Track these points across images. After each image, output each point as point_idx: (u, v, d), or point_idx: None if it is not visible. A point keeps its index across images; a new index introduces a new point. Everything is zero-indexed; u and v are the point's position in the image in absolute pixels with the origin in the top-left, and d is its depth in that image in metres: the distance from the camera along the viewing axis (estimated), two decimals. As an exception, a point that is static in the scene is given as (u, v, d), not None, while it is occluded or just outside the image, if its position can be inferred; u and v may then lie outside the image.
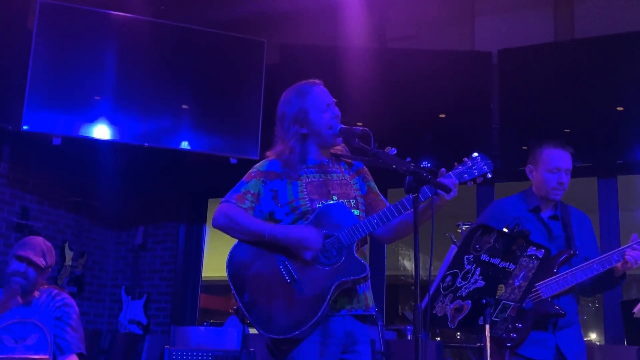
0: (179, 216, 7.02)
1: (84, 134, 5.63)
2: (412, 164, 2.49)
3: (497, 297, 2.62)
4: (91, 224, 6.92)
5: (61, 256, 6.48)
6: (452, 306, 2.55)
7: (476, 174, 2.64)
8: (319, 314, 2.48)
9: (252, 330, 4.68)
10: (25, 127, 5.44)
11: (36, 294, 3.46)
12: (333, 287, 2.50)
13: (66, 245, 6.54)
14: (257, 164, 2.78)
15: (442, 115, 6.09)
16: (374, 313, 2.70)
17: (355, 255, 2.56)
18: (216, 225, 2.68)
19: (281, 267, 2.57)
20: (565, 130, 5.70)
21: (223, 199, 2.71)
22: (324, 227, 2.57)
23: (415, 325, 2.27)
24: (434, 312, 2.50)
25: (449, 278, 2.48)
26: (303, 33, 6.42)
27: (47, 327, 3.36)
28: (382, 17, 6.40)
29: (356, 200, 2.73)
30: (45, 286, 3.51)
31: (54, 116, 5.56)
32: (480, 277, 2.54)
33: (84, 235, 6.77)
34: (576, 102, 5.66)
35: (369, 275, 2.60)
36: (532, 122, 5.79)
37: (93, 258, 6.93)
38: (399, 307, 9.93)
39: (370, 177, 2.88)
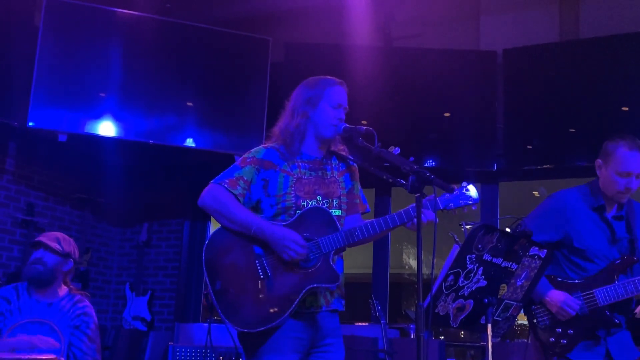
0: (183, 213, 7.04)
1: (89, 131, 5.65)
2: (416, 164, 2.51)
3: (499, 296, 2.65)
4: (96, 221, 6.95)
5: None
6: (454, 305, 2.57)
7: (461, 204, 2.67)
8: (286, 314, 2.53)
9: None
10: (30, 124, 5.46)
11: (60, 292, 3.46)
12: (304, 290, 2.55)
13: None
14: (254, 150, 2.79)
15: (447, 114, 6.10)
16: (339, 308, 2.74)
17: (331, 263, 2.61)
18: (202, 205, 2.70)
19: (257, 262, 2.61)
20: (570, 130, 5.70)
21: (214, 180, 2.72)
22: (306, 229, 2.62)
23: (417, 324, 2.29)
24: (436, 311, 2.52)
25: (451, 277, 2.51)
26: (308, 31, 6.43)
27: (63, 333, 3.36)
28: (387, 15, 6.40)
29: (339, 199, 2.79)
30: (71, 289, 3.51)
31: (60, 113, 5.58)
32: (483, 276, 2.56)
33: (89, 231, 6.80)
34: (581, 102, 5.66)
35: (341, 284, 2.68)
36: (536, 121, 5.80)
37: (98, 254, 6.97)
38: (402, 306, 9.94)
39: (357, 177, 2.93)
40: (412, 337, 5.51)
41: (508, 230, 2.69)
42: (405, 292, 10.30)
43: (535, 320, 3.21)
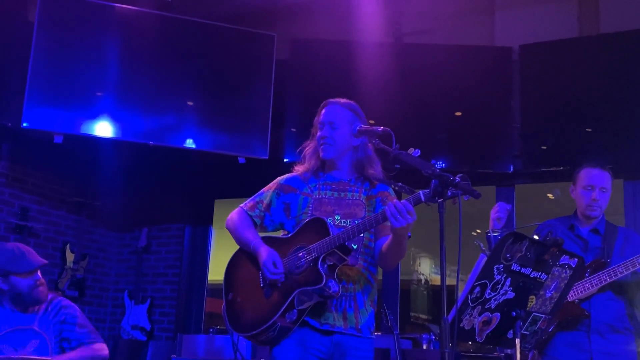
0: (184, 218, 6.97)
1: (86, 132, 5.58)
2: (438, 168, 2.43)
3: (527, 309, 2.56)
4: (93, 226, 6.87)
5: (62, 259, 6.44)
6: (480, 319, 2.49)
7: (449, 195, 2.49)
8: (275, 316, 2.69)
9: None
10: (25, 124, 5.39)
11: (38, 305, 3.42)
12: (293, 294, 2.69)
13: (67, 247, 6.50)
14: (280, 177, 3.01)
15: (458, 114, 6.02)
16: (354, 334, 2.76)
17: (319, 267, 2.66)
18: (226, 227, 3.01)
19: (260, 273, 2.82)
20: (587, 130, 5.63)
21: (241, 205, 3.02)
22: (302, 239, 2.74)
23: (442, 339, 2.22)
24: (461, 325, 2.43)
25: (477, 289, 2.42)
26: (314, 27, 6.35)
27: (47, 333, 3.34)
28: (397, 10, 6.32)
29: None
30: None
31: (55, 113, 5.52)
32: (510, 288, 2.48)
33: (86, 237, 6.73)
34: (601, 100, 5.59)
35: (333, 289, 2.63)
36: (554, 120, 5.72)
37: (95, 261, 6.89)
38: (411, 314, 9.86)
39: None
40: (424, 347, 5.41)
41: (536, 237, 2.60)
42: (414, 300, 10.22)
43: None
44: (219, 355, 4.88)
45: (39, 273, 3.38)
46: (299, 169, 2.98)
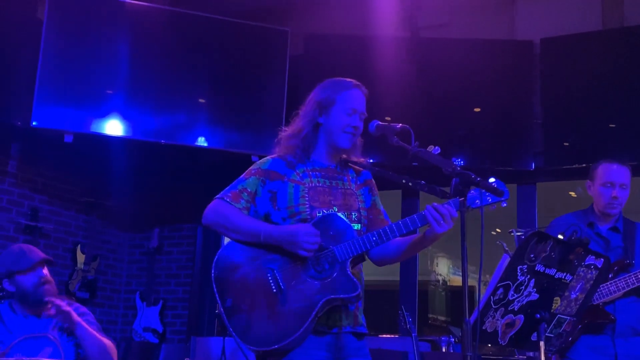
0: (196, 217, 6.91)
1: (96, 131, 5.60)
2: (459, 166, 2.40)
3: (552, 310, 2.54)
4: (104, 226, 6.90)
5: (73, 260, 6.46)
6: (503, 321, 2.47)
7: (489, 201, 2.52)
8: (302, 329, 2.44)
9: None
10: (34, 123, 5.41)
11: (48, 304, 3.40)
12: (320, 303, 2.46)
13: (78, 248, 6.52)
14: (260, 161, 2.75)
15: (478, 110, 5.98)
16: (364, 332, 2.65)
17: (348, 272, 2.51)
18: (206, 222, 2.66)
19: (269, 275, 2.54)
20: (611, 125, 5.59)
21: (217, 196, 2.68)
22: (321, 237, 2.52)
23: (464, 342, 2.19)
24: (483, 327, 2.41)
25: (500, 290, 2.39)
26: (329, 22, 6.34)
27: (60, 340, 3.32)
28: (414, 3, 6.29)
29: (359, 213, 2.69)
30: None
31: (65, 111, 5.54)
32: (535, 289, 2.46)
33: (97, 237, 6.74)
34: (624, 95, 5.54)
35: (360, 294, 2.57)
36: (576, 116, 5.68)
37: (106, 262, 6.91)
38: (429, 316, 9.83)
39: (376, 191, 2.84)
40: (443, 350, 5.38)
41: (561, 237, 2.58)
42: (432, 301, 10.19)
43: None
44: (232, 358, 4.88)
45: (44, 271, 3.33)
46: (278, 152, 2.75)
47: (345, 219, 2.59)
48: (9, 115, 5.49)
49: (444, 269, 10.37)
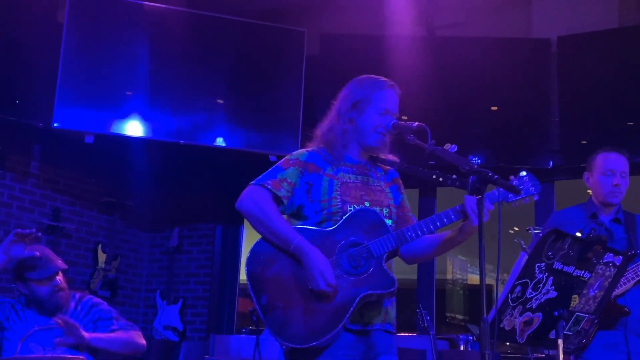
0: (214, 217, 7.00)
1: (117, 131, 5.63)
2: (475, 163, 2.39)
3: (570, 308, 2.51)
4: (124, 226, 6.94)
5: (94, 259, 6.51)
6: (521, 319, 2.44)
7: (522, 195, 2.54)
8: (340, 325, 2.42)
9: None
10: (55, 125, 5.46)
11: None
12: (357, 299, 2.44)
13: (99, 247, 6.57)
14: (296, 152, 2.73)
15: (495, 108, 5.95)
16: (390, 330, 2.64)
17: (384, 268, 2.49)
18: (240, 208, 2.61)
19: (303, 271, 2.50)
20: (629, 123, 5.53)
21: (255, 181, 2.63)
22: (354, 233, 2.51)
23: (481, 340, 2.18)
24: (501, 325, 2.39)
25: (518, 288, 2.37)
26: (345, 22, 6.33)
27: None
28: (430, 2, 6.26)
29: (389, 209, 2.68)
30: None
31: (86, 113, 5.58)
32: (553, 287, 2.43)
33: (117, 237, 6.79)
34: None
35: (395, 290, 2.54)
36: (594, 114, 5.63)
37: (127, 261, 6.96)
38: (447, 314, 9.78)
39: (403, 190, 2.83)
40: (461, 348, 5.36)
41: (579, 234, 2.56)
42: (449, 300, 10.14)
43: None
44: (251, 356, 4.89)
45: (58, 278, 3.35)
46: (313, 146, 2.74)
47: (376, 210, 2.58)
48: (31, 117, 5.54)
49: (462, 268, 10.32)
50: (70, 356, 3.17)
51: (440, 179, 2.58)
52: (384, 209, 2.64)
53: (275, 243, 2.54)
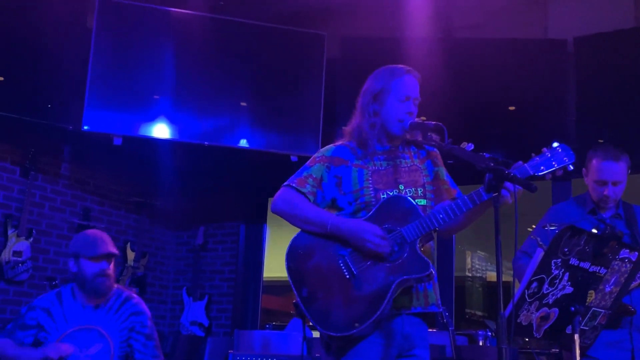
0: (239, 216, 7.02)
1: (144, 134, 5.67)
2: (492, 161, 2.36)
3: (586, 304, 2.49)
4: (152, 225, 6.99)
5: (123, 257, 6.56)
6: (537, 314, 2.42)
7: (555, 166, 2.45)
8: (378, 312, 2.41)
9: (315, 334, 4.61)
10: (85, 127, 5.51)
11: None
12: (394, 285, 2.42)
13: (128, 246, 6.63)
14: (323, 149, 2.75)
15: (512, 108, 5.90)
16: (435, 310, 2.60)
17: (419, 252, 2.47)
18: (274, 210, 2.67)
19: (340, 262, 2.52)
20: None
21: (284, 183, 2.69)
22: (386, 220, 2.50)
23: (499, 335, 2.16)
24: (518, 321, 2.37)
25: (535, 284, 2.35)
26: (364, 24, 6.30)
27: (112, 337, 3.31)
28: (448, 4, 6.22)
29: (424, 188, 2.65)
30: (114, 286, 3.43)
31: (114, 116, 5.62)
32: (569, 282, 2.41)
33: (145, 235, 6.84)
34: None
35: (433, 273, 2.50)
36: (611, 114, 5.55)
37: (154, 259, 7.01)
38: (466, 311, 9.71)
39: (440, 162, 2.78)
40: (480, 344, 5.31)
41: (595, 231, 2.52)
42: (469, 296, 10.07)
43: None
44: (275, 351, 4.90)
45: (108, 264, 3.32)
46: (340, 141, 2.74)
47: (410, 197, 2.55)
48: (61, 120, 5.60)
49: (481, 265, 10.24)
50: None
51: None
52: (419, 188, 2.63)
53: (314, 231, 2.56)
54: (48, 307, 3.33)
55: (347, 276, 2.49)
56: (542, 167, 2.45)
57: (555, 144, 2.47)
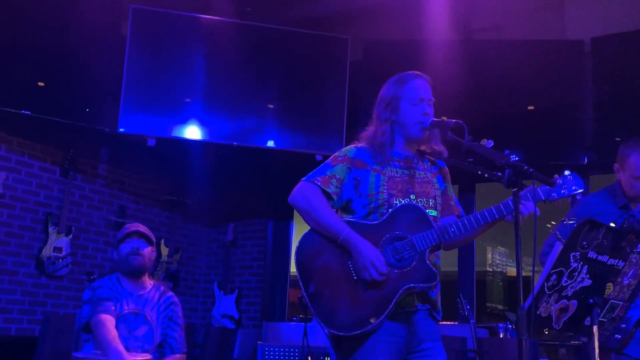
0: (267, 213, 7.05)
1: (177, 135, 5.72)
2: (511, 157, 2.34)
3: (605, 296, 2.46)
4: (184, 222, 7.06)
5: (157, 253, 6.62)
6: (557, 306, 2.40)
7: (565, 194, 2.47)
8: (383, 315, 2.40)
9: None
10: (121, 130, 5.57)
11: (147, 283, 3.47)
12: (400, 291, 2.42)
13: (162, 242, 6.69)
14: (344, 149, 2.70)
15: (531, 107, 5.84)
16: (437, 318, 2.59)
17: (427, 261, 2.45)
18: (292, 202, 2.62)
19: (349, 263, 2.48)
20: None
21: (306, 177, 2.63)
22: (398, 227, 2.48)
23: (518, 326, 2.14)
24: (537, 312, 2.35)
25: (554, 277, 2.33)
26: (386, 28, 6.30)
27: (156, 322, 3.40)
28: (467, 7, 6.19)
29: (435, 200, 2.63)
30: (152, 281, 3.52)
31: (148, 118, 5.68)
32: (587, 275, 2.38)
33: (178, 232, 6.91)
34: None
35: (438, 282, 2.51)
36: (627, 113, 5.46)
37: (187, 254, 7.07)
38: (487, 305, 9.64)
39: (449, 179, 2.78)
40: (501, 336, 5.28)
41: (612, 225, 2.49)
42: (490, 291, 9.99)
43: None
44: (300, 341, 4.91)
45: (141, 245, 3.38)
46: (361, 143, 2.69)
47: (420, 206, 2.53)
48: (98, 123, 5.67)
49: (501, 260, 10.15)
50: (139, 357, 3.16)
51: (486, 175, 2.52)
52: (430, 200, 2.60)
53: (324, 235, 2.52)
54: (110, 286, 3.39)
55: (355, 277, 2.47)
56: (553, 194, 2.47)
57: (566, 172, 2.48)
